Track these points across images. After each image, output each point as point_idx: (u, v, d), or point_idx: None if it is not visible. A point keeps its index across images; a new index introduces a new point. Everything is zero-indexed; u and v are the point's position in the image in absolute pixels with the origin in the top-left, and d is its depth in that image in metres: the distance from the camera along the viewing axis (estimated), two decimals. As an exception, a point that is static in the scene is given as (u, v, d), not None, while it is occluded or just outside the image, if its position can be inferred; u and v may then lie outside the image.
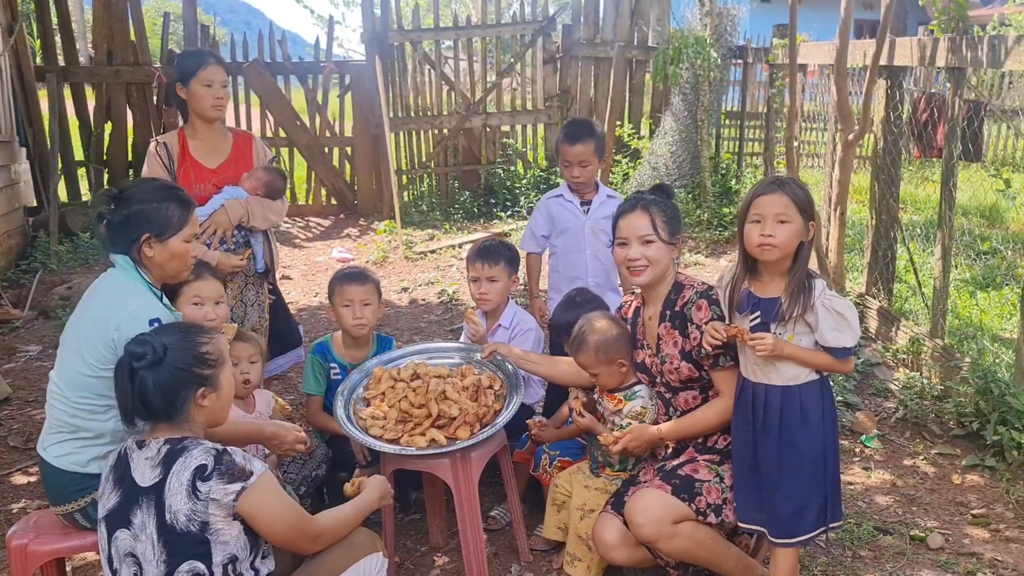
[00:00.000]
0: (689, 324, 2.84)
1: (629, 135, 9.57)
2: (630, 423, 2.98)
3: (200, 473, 2.10)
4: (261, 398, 3.36)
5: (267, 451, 3.25)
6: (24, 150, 8.70)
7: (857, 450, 4.21)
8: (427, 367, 3.32)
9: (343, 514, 2.43)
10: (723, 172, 9.30)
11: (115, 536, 2.16)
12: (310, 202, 10.22)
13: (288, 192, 9.79)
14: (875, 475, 3.96)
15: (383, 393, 3.19)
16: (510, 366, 3.25)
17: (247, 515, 2.15)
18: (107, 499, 2.20)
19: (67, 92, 9.30)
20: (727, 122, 10.79)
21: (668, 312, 2.91)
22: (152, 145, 3.81)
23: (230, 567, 2.14)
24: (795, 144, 6.21)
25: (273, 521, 2.19)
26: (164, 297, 2.66)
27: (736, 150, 10.15)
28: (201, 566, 2.10)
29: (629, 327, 3.08)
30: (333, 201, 10.18)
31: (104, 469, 2.26)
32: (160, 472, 2.12)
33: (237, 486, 2.12)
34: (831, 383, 2.83)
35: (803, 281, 2.59)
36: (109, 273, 2.63)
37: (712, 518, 2.75)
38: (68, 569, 3.24)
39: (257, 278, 3.98)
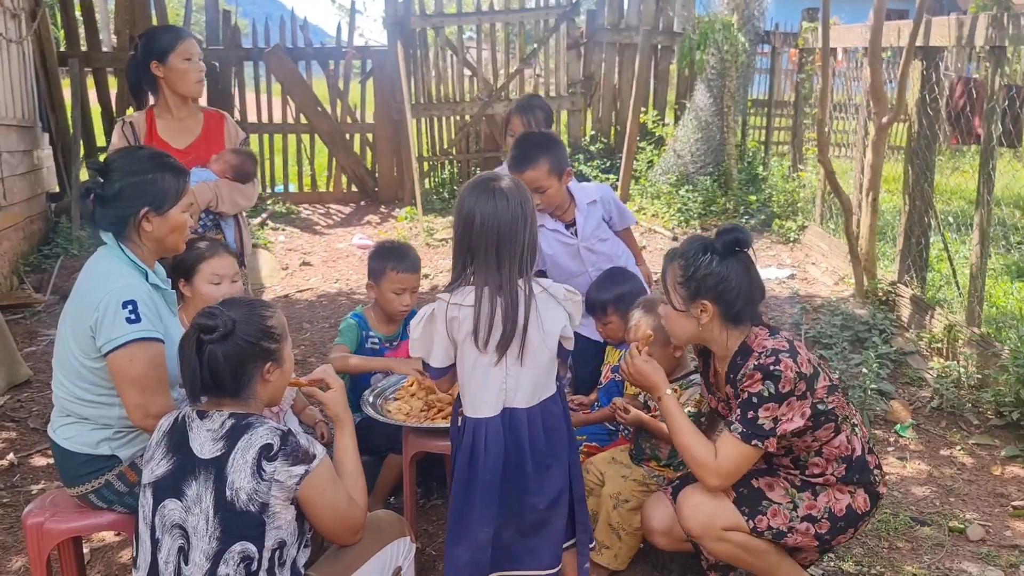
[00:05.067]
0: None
1: (653, 122, 9.45)
2: (689, 411, 2.88)
3: (266, 452, 2.02)
4: None
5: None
6: (47, 136, 8.69)
7: (892, 440, 4.09)
8: None
9: (358, 481, 2.29)
10: (749, 160, 9.16)
11: (163, 505, 2.06)
12: (331, 189, 10.14)
13: (309, 179, 9.93)
14: (911, 465, 3.84)
15: (413, 394, 3.14)
16: None
17: (304, 500, 2.07)
18: (156, 464, 2.10)
19: (89, 79, 9.29)
20: (753, 111, 10.63)
21: (732, 376, 2.57)
22: (118, 125, 3.67)
23: (278, 553, 2.05)
24: (826, 129, 6.06)
25: (325, 508, 2.11)
26: (154, 274, 2.52)
27: (763, 138, 9.99)
28: (253, 549, 2.01)
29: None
30: (354, 188, 10.10)
31: (155, 434, 2.17)
32: (223, 446, 2.04)
33: (301, 469, 2.04)
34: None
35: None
36: (96, 253, 2.51)
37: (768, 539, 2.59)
38: (86, 550, 3.20)
39: None
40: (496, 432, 2.36)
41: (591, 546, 2.63)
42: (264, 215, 9.02)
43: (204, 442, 2.06)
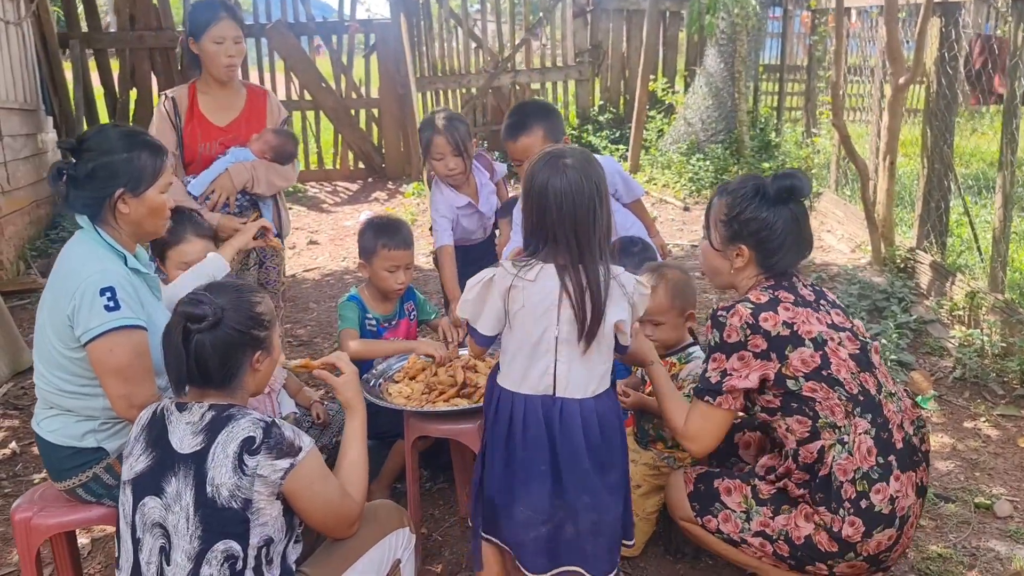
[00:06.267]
0: None
1: (663, 90, 9.27)
2: (692, 388, 2.77)
3: (248, 446, 1.92)
4: None
5: (284, 414, 3.10)
6: (51, 119, 8.60)
7: (913, 412, 3.95)
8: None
9: (359, 472, 2.19)
10: (762, 126, 8.97)
11: (142, 503, 1.97)
12: (337, 166, 10.02)
13: (315, 157, 9.81)
14: (933, 439, 3.70)
15: (413, 377, 3.04)
16: None
17: (291, 495, 1.97)
18: (136, 461, 2.01)
19: (91, 61, 9.18)
20: (765, 76, 10.40)
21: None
22: (160, 100, 3.58)
23: (264, 551, 1.95)
24: (840, 92, 5.88)
25: (314, 503, 2.01)
26: (135, 258, 2.40)
27: (775, 104, 9.78)
28: (237, 547, 1.91)
29: None
30: (361, 165, 9.98)
31: (133, 428, 2.08)
32: (203, 440, 1.94)
33: (286, 463, 1.93)
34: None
35: None
36: (73, 238, 2.40)
37: None
38: (86, 540, 3.13)
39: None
40: (535, 412, 2.23)
41: None
42: (270, 194, 8.90)
43: (183, 436, 1.96)
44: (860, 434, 2.27)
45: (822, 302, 2.43)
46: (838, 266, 5.98)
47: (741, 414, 2.52)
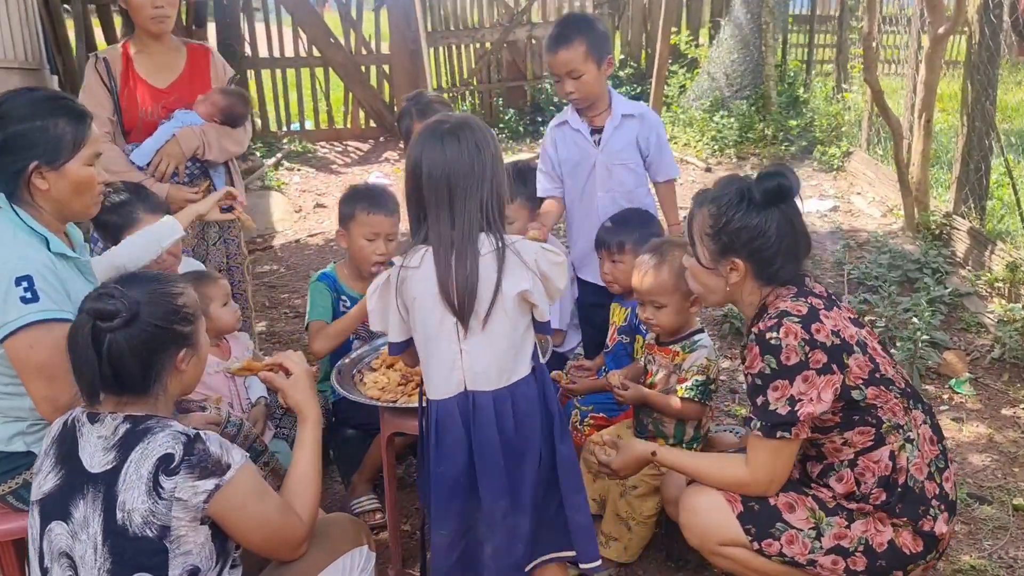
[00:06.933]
0: None
1: (686, 43, 8.86)
2: (696, 380, 2.49)
3: (165, 464, 1.67)
4: (237, 343, 2.96)
5: (252, 401, 2.87)
6: (56, 78, 8.37)
7: (945, 397, 3.64)
8: None
9: (309, 487, 1.93)
10: (790, 81, 8.56)
11: (49, 528, 1.74)
12: (348, 125, 9.71)
13: (325, 115, 9.50)
14: (967, 428, 3.39)
15: (391, 365, 2.79)
16: None
17: (220, 518, 1.73)
18: (43, 479, 1.78)
19: (94, 19, 8.92)
20: (794, 27, 9.92)
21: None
22: (90, 62, 3.28)
23: None
24: (873, 44, 5.47)
25: (249, 525, 1.77)
26: (60, 241, 2.14)
27: (804, 58, 9.32)
28: None
29: None
30: (372, 123, 9.67)
31: (44, 440, 1.85)
32: (115, 458, 1.70)
33: (210, 483, 1.69)
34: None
35: None
36: None
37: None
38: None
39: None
40: (451, 416, 2.01)
41: None
42: (279, 155, 8.66)
43: (94, 452, 1.71)
44: (921, 425, 2.14)
45: (832, 296, 2.17)
46: (867, 232, 5.62)
47: None
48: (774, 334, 2.00)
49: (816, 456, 2.15)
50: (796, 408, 1.99)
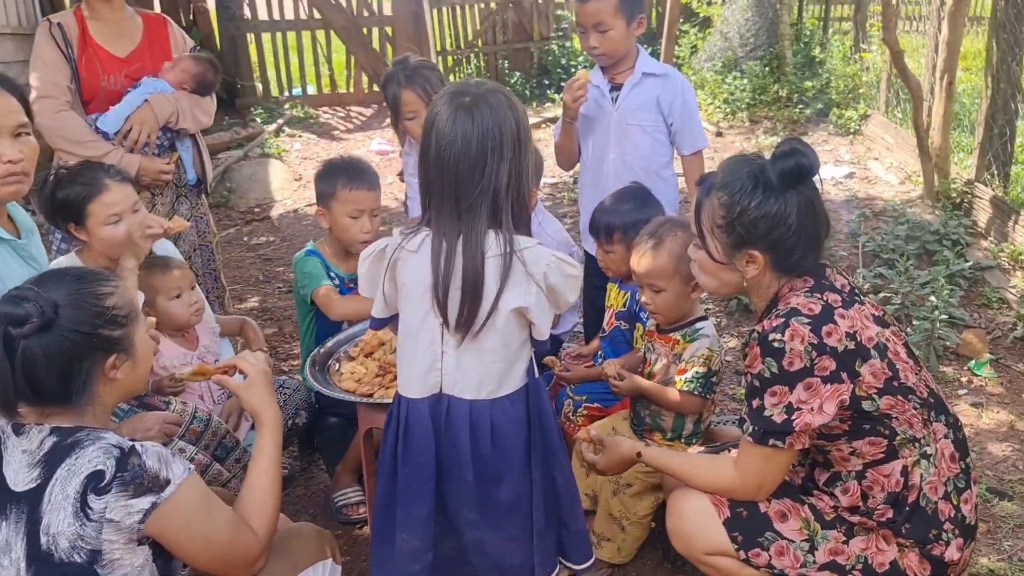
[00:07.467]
0: None
1: (698, 1, 8.53)
2: (697, 371, 2.31)
3: (94, 483, 1.51)
4: (205, 330, 2.80)
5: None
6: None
7: (964, 380, 3.44)
8: None
9: (267, 499, 1.77)
10: (806, 40, 8.26)
11: None
12: (350, 90, 9.48)
13: (328, 80, 9.27)
14: (987, 415, 3.20)
15: (369, 355, 2.63)
16: None
17: (160, 538, 1.58)
18: None
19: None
20: (812, -17, 9.58)
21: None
22: (43, 26, 3.09)
23: None
24: (893, 0, 5.20)
25: (195, 544, 1.61)
26: None
27: (821, 15, 9.00)
28: None
29: None
30: (375, 88, 9.43)
31: None
32: (40, 475, 1.54)
33: (146, 502, 1.53)
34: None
35: None
36: None
37: None
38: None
39: (190, 191, 3.37)
40: (421, 418, 1.85)
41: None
42: (281, 120, 8.45)
43: (18, 468, 1.55)
44: (940, 440, 1.93)
45: (856, 290, 1.95)
46: (884, 200, 5.38)
47: None
48: (778, 336, 1.80)
49: (824, 463, 1.98)
50: (793, 417, 1.81)
